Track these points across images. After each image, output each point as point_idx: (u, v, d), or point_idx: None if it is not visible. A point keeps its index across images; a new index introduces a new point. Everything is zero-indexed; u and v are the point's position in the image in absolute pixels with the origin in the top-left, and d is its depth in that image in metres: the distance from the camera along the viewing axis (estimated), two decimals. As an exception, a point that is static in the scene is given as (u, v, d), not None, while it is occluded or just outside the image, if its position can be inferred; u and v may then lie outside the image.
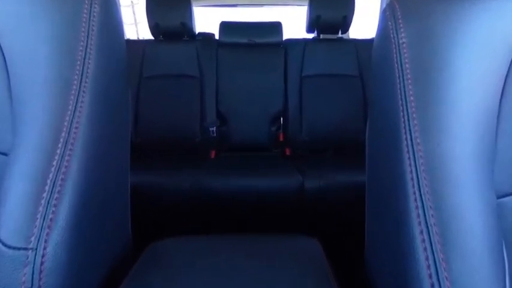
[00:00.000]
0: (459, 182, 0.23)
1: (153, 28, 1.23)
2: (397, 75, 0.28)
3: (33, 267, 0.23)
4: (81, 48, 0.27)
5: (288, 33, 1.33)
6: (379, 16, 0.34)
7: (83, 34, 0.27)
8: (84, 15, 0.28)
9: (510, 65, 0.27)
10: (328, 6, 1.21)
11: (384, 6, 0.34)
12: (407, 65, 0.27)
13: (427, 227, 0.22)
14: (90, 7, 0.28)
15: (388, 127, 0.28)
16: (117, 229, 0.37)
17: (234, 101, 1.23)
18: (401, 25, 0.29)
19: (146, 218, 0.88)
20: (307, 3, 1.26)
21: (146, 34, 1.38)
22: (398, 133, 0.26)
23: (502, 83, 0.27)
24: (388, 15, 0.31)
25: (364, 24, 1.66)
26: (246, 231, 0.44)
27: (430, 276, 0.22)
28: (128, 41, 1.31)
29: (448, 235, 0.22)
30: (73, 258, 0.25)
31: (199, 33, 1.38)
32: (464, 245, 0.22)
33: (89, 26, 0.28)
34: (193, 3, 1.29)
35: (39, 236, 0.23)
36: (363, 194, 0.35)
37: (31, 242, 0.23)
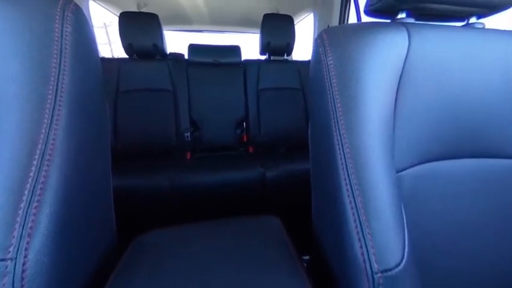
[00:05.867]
0: (372, 164, 0.26)
1: (127, 48, 1.12)
2: (328, 88, 0.30)
3: (13, 276, 0.19)
4: (54, 65, 0.23)
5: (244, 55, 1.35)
6: (313, 43, 0.36)
7: (55, 52, 0.24)
8: (56, 34, 0.24)
9: (399, 80, 0.31)
10: (275, 35, 1.27)
11: (316, 36, 0.37)
12: (334, 80, 0.30)
13: (354, 197, 0.25)
14: (62, 27, 0.24)
15: (323, 127, 0.30)
16: (102, 228, 0.32)
17: (205, 110, 1.21)
18: (328, 51, 0.32)
19: (131, 216, 0.81)
20: (259, 31, 1.29)
21: (120, 53, 1.25)
22: (331, 131, 0.28)
23: (395, 93, 0.31)
24: (319, 43, 0.34)
25: (305, 49, 1.75)
26: (219, 217, 0.43)
27: (357, 232, 0.24)
28: (104, 59, 1.18)
29: (367, 201, 0.24)
30: (57, 262, 0.22)
31: (170, 53, 1.30)
32: (378, 208, 0.24)
33: (61, 45, 0.24)
34: (164, 28, 1.22)
35: (19, 245, 0.19)
36: (309, 177, 0.37)
37: (9, 252, 0.19)
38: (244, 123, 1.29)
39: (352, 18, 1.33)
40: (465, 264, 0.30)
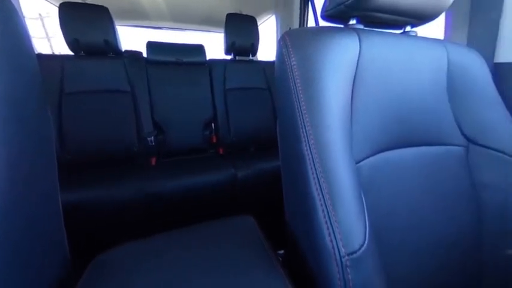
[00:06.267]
0: (335, 157, 0.28)
1: (72, 43, 0.98)
2: (292, 87, 0.32)
3: None
4: None
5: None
6: (276, 44, 0.37)
7: None
8: None
9: (354, 80, 0.35)
10: (240, 35, 1.27)
11: (279, 37, 0.38)
12: (298, 80, 0.31)
13: (321, 189, 0.27)
14: None
15: (290, 125, 0.32)
16: (51, 252, 0.28)
17: (169, 112, 1.13)
18: (291, 52, 0.33)
19: (91, 234, 0.71)
20: (223, 30, 1.28)
21: (63, 49, 1.09)
22: (297, 128, 0.30)
23: (351, 92, 0.34)
24: (282, 44, 0.35)
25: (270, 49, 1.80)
26: (192, 224, 0.40)
27: (326, 221, 0.26)
28: (41, 55, 1.01)
29: (332, 192, 0.26)
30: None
31: (125, 50, 1.19)
32: (342, 197, 0.27)
33: None
34: (117, 23, 1.10)
35: None
36: (280, 174, 0.38)
37: None
38: (213, 124, 1.26)
39: (311, 22, 1.42)
40: (413, 236, 0.35)
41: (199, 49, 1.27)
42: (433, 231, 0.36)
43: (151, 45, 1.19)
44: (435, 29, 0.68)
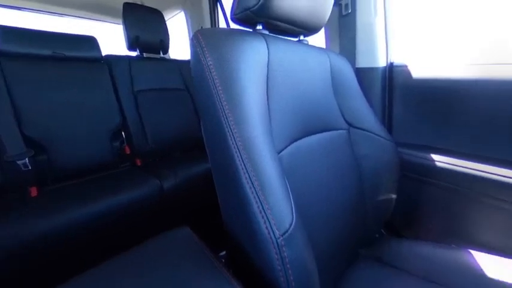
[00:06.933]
0: (260, 151, 0.31)
1: None
2: (212, 88, 0.32)
3: None
4: None
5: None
6: (190, 43, 0.36)
7: None
8: None
9: (267, 81, 0.39)
10: (145, 29, 1.12)
11: (192, 36, 0.37)
12: (217, 80, 0.32)
13: (252, 182, 0.28)
14: None
15: (215, 125, 0.32)
16: None
17: (51, 123, 0.84)
18: (206, 52, 0.33)
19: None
20: (120, 21, 1.08)
21: None
22: (222, 127, 0.30)
23: (266, 92, 0.38)
24: (195, 44, 0.34)
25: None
26: (130, 245, 0.34)
27: (260, 210, 0.28)
28: None
29: (262, 183, 0.29)
30: None
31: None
32: (271, 186, 0.29)
33: None
34: None
35: None
36: (211, 175, 0.37)
37: None
38: (124, 133, 1.07)
39: (221, 22, 1.45)
40: (324, 205, 0.44)
41: (89, 41, 1.02)
42: (336, 197, 0.47)
43: (6, 32, 0.84)
44: (319, 40, 0.87)
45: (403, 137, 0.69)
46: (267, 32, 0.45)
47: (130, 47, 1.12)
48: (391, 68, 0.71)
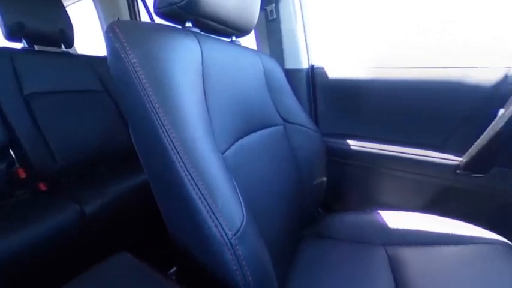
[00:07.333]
0: (203, 153, 0.29)
1: None
2: (140, 88, 0.28)
3: None
4: None
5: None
6: (104, 36, 0.30)
7: None
8: None
9: (204, 82, 0.37)
10: (32, 15, 0.86)
11: (106, 29, 0.31)
12: (145, 80, 0.28)
13: (198, 187, 0.27)
14: None
15: (148, 130, 0.28)
16: None
17: None
18: (128, 48, 0.29)
19: None
20: None
21: None
22: (157, 132, 0.27)
23: (204, 92, 0.37)
24: (112, 38, 0.29)
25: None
26: (65, 281, 0.27)
27: (210, 215, 0.27)
28: None
29: (209, 186, 0.28)
30: None
31: None
32: (218, 188, 0.29)
33: None
34: None
35: None
36: (148, 187, 0.33)
37: None
38: (12, 151, 0.80)
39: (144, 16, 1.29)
40: (270, 197, 0.47)
41: None
42: (278, 188, 0.50)
43: None
44: (249, 42, 0.91)
45: (327, 128, 0.82)
46: (197, 31, 0.43)
47: (11, 37, 0.84)
48: (312, 69, 0.82)
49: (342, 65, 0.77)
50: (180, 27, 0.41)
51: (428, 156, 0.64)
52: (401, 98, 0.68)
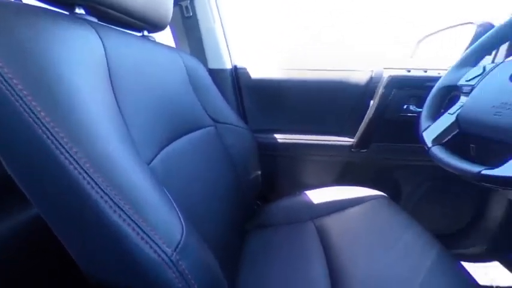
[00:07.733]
0: (123, 169, 0.25)
1: None
2: (9, 94, 0.20)
3: None
4: None
5: None
6: None
7: None
8: None
9: (111, 81, 0.31)
10: None
11: None
12: (16, 82, 0.21)
13: (122, 209, 0.22)
14: None
15: (32, 151, 0.21)
16: None
17: None
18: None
19: None
20: None
21: None
22: (50, 152, 0.21)
23: (113, 93, 0.31)
24: None
25: None
26: None
27: (142, 237, 0.23)
28: None
29: (136, 205, 0.24)
30: None
31: None
32: (148, 204, 0.25)
33: None
34: None
35: None
36: (41, 225, 0.25)
37: None
38: None
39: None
40: (208, 199, 0.45)
41: None
42: (217, 189, 0.50)
43: None
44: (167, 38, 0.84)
45: (256, 125, 0.88)
46: (94, 19, 0.35)
47: None
48: (235, 70, 0.85)
49: (261, 66, 0.84)
50: (66, 13, 0.32)
51: (333, 140, 0.82)
52: (310, 95, 0.81)
